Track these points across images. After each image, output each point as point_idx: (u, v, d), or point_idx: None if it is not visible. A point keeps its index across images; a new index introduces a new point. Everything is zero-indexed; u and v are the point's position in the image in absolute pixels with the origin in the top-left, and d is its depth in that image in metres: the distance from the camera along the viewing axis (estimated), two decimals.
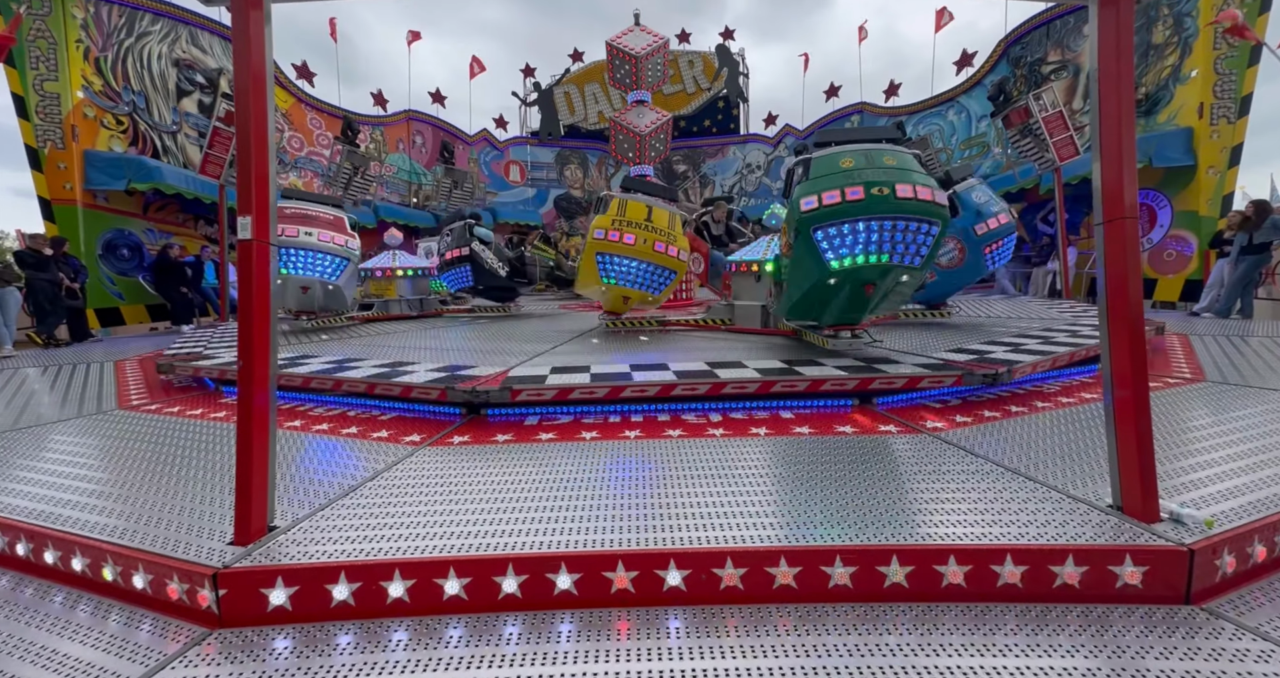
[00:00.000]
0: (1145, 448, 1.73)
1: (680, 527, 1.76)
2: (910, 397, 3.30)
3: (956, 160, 13.85)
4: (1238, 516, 1.74)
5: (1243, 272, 7.01)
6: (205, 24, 10.89)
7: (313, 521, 1.85)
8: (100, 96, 9.04)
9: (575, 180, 20.18)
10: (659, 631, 1.50)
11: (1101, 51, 1.78)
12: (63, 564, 1.79)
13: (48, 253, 7.34)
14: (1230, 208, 8.55)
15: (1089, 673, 1.31)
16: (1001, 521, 1.75)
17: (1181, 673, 1.30)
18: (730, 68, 19.02)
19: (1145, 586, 1.57)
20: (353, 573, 1.58)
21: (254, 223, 1.74)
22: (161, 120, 10.10)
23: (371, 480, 2.21)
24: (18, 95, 8.16)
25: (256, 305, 1.76)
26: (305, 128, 13.78)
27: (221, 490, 2.14)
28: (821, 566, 1.61)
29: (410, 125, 16.63)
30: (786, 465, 2.27)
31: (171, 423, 3.20)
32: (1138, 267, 1.76)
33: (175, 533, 1.79)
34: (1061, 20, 11.34)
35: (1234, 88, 8.47)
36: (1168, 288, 9.38)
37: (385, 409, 3.36)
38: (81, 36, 8.78)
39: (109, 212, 9.06)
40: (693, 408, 3.16)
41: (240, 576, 1.56)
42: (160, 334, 8.33)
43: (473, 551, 1.64)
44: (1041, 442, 2.50)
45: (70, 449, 2.77)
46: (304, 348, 4.70)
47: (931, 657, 1.37)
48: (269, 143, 1.79)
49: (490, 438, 2.75)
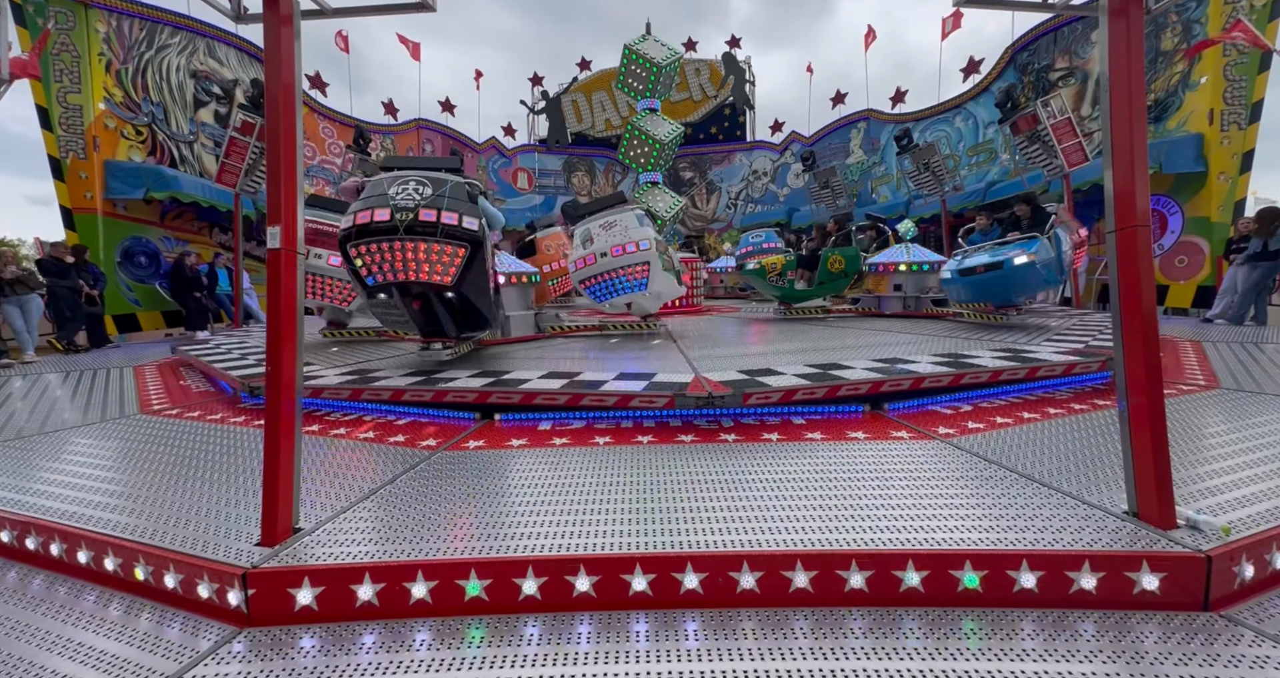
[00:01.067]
0: (1161, 454, 1.74)
1: (696, 531, 1.78)
2: (921, 403, 3.31)
3: (965, 167, 13.85)
4: (1255, 522, 1.74)
5: (1256, 278, 6.95)
6: (222, 37, 11.13)
7: (335, 523, 1.89)
8: (121, 108, 9.26)
9: (583, 187, 20.33)
10: (676, 632, 1.52)
11: (1112, 60, 1.80)
12: (95, 564, 1.84)
13: (69, 261, 7.49)
14: (1242, 214, 8.49)
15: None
16: (1017, 526, 1.76)
17: None
18: (737, 75, 19.17)
19: (1163, 592, 1.58)
20: (376, 574, 1.61)
21: (283, 232, 1.80)
22: (179, 130, 10.31)
23: (390, 484, 2.24)
24: (41, 107, 8.38)
25: (285, 313, 1.81)
26: (318, 136, 14.00)
27: (244, 493, 2.19)
28: (838, 570, 1.63)
29: (420, 134, 16.86)
30: (800, 471, 2.29)
31: (193, 427, 3.26)
32: (1150, 274, 1.77)
33: (203, 534, 1.84)
34: (1069, 27, 11.35)
35: (1244, 94, 8.44)
36: (1179, 294, 9.30)
37: (400, 414, 3.40)
38: (104, 50, 9.00)
39: (127, 220, 9.25)
40: (704, 414, 3.18)
41: (269, 576, 1.60)
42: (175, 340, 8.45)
43: (492, 553, 1.67)
44: (1055, 448, 2.50)
45: (96, 453, 2.83)
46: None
47: (949, 661, 1.38)
48: (298, 154, 1.85)
49: (505, 443, 2.79)
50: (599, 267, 5.27)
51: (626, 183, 20.11)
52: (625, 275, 5.25)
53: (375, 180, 3.56)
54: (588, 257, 5.30)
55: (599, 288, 5.40)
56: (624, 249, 5.15)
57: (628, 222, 5.27)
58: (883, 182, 16.45)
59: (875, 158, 16.71)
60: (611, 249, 5.18)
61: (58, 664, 1.46)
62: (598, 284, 5.38)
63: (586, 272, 5.35)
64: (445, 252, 3.33)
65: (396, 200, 3.30)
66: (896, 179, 15.53)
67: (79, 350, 7.41)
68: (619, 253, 5.16)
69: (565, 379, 3.35)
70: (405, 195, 3.34)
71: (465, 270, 3.43)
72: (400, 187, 3.39)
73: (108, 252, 8.87)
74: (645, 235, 5.22)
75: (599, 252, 5.24)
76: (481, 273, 3.67)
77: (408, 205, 3.28)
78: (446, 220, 3.30)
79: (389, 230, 3.24)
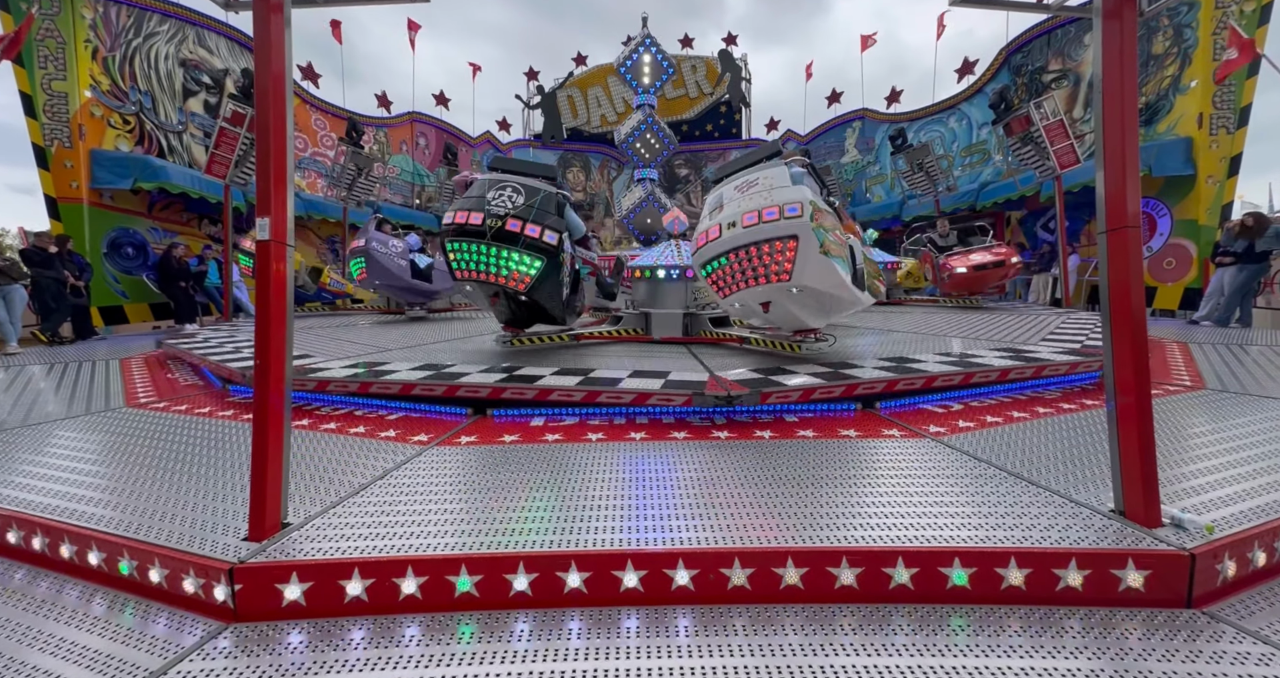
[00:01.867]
0: (1147, 454, 1.76)
1: (688, 527, 1.78)
2: (914, 401, 3.33)
3: (958, 167, 13.93)
4: (1238, 521, 1.76)
5: (1242, 281, 7.05)
6: (212, 25, 10.97)
7: (325, 518, 1.87)
8: (108, 96, 9.10)
9: (578, 183, 20.27)
10: (667, 629, 1.52)
11: (1105, 62, 1.81)
12: (79, 559, 1.81)
13: (53, 250, 7.37)
14: (1229, 217, 8.61)
15: (1093, 675, 1.33)
16: (1005, 524, 1.77)
17: (1184, 675, 1.32)
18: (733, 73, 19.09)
19: (1147, 589, 1.60)
20: (366, 569, 1.60)
21: (273, 224, 1.77)
22: (168, 120, 10.16)
23: (381, 479, 2.23)
24: (25, 94, 8.21)
25: (274, 306, 1.79)
26: (309, 128, 13.85)
27: (232, 487, 2.17)
28: (828, 567, 1.64)
29: (414, 127, 16.72)
30: (791, 468, 2.30)
31: (180, 421, 3.22)
32: (1140, 275, 1.78)
33: (189, 529, 1.81)
34: (1062, 29, 11.43)
35: (1233, 98, 8.54)
36: (1167, 296, 9.43)
37: (392, 409, 3.38)
38: (90, 36, 8.84)
39: (114, 210, 9.11)
40: (698, 412, 3.18)
41: (256, 571, 1.58)
42: (163, 333, 8.35)
43: (483, 549, 1.66)
44: (1044, 447, 2.52)
45: (80, 446, 2.79)
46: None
47: (937, 657, 1.40)
48: (288, 145, 1.82)
49: (497, 438, 2.77)
50: (723, 243, 3.48)
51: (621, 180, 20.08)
52: (757, 258, 3.38)
53: (479, 181, 3.95)
54: (711, 230, 3.57)
55: (723, 276, 3.59)
56: (760, 216, 3.29)
57: (774, 178, 3.40)
58: (877, 181, 16.53)
59: (870, 157, 16.77)
60: (743, 217, 3.35)
61: (39, 660, 1.44)
62: (720, 273, 3.59)
63: (706, 252, 3.61)
64: (523, 261, 3.66)
65: (491, 206, 3.68)
66: (890, 179, 15.60)
67: (64, 342, 7.30)
68: (752, 221, 3.31)
69: (579, 376, 3.34)
70: (499, 202, 3.71)
71: (539, 279, 3.73)
72: (498, 192, 3.77)
73: (94, 242, 8.73)
74: (797, 197, 3.26)
75: (726, 221, 3.46)
76: (555, 280, 3.92)
77: (499, 212, 3.65)
78: (530, 232, 3.63)
79: (479, 234, 3.64)
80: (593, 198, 20.33)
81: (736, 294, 3.60)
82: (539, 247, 3.65)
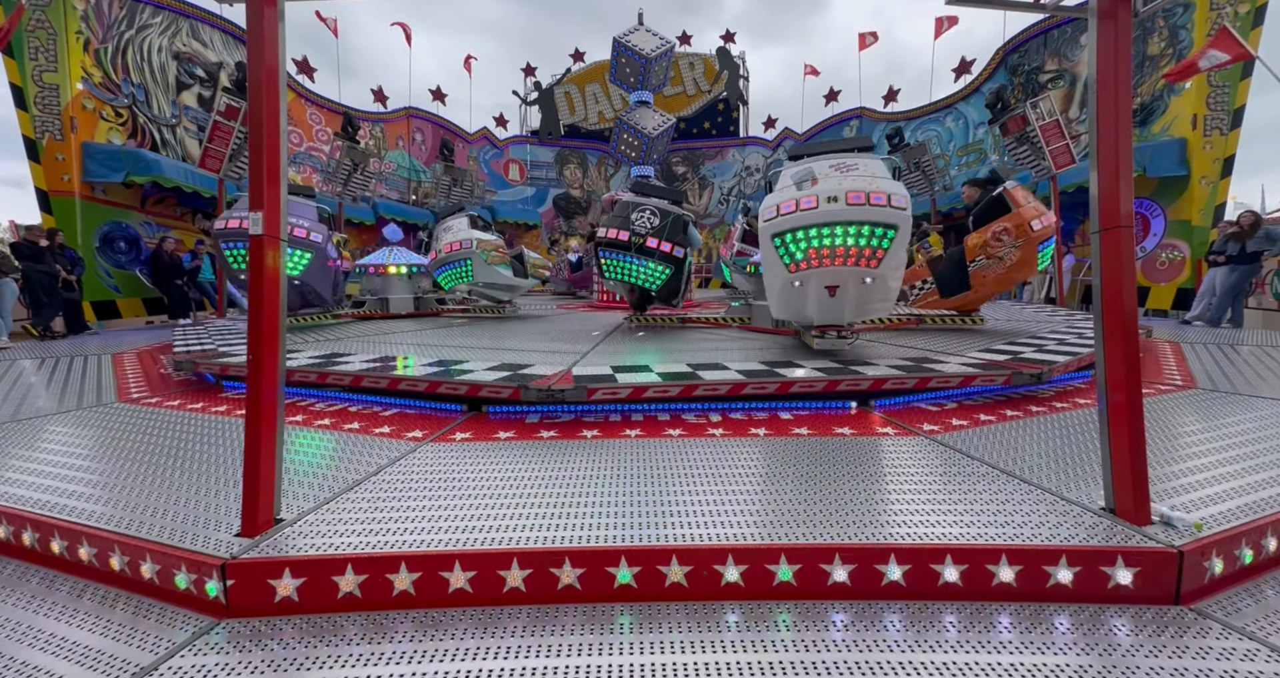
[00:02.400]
0: (1138, 452, 1.77)
1: (682, 524, 1.79)
2: (909, 399, 3.35)
3: (955, 167, 13.97)
4: (1226, 519, 1.78)
5: (1234, 281, 7.11)
6: (206, 18, 10.86)
7: (318, 514, 1.87)
8: (100, 88, 9.00)
9: (575, 180, 20.21)
10: (661, 625, 1.53)
11: (1100, 63, 1.82)
12: (70, 554, 1.80)
13: (44, 244, 7.30)
14: (1222, 218, 8.67)
15: (1081, 670, 1.34)
16: (997, 521, 1.79)
17: (1170, 671, 1.33)
18: (731, 71, 19.08)
19: (1136, 586, 1.61)
20: (359, 565, 1.60)
21: (265, 219, 1.76)
22: (161, 113, 10.06)
23: (376, 475, 2.22)
24: (16, 86, 8.11)
25: (267, 301, 1.78)
26: (305, 123, 13.75)
27: (225, 483, 2.16)
28: (821, 563, 1.64)
29: (410, 122, 16.62)
30: (786, 465, 2.31)
31: (172, 416, 3.21)
32: (1133, 275, 1.80)
33: (181, 524, 1.81)
34: (1059, 29, 11.46)
35: (1227, 100, 8.59)
36: (1160, 296, 9.49)
37: (387, 405, 3.37)
38: (82, 28, 8.74)
39: (107, 204, 9.02)
40: (692, 407, 3.19)
41: (248, 566, 1.58)
42: (157, 328, 8.30)
43: (478, 545, 1.66)
44: (1035, 445, 2.54)
45: (72, 441, 2.77)
46: (328, 347, 4.50)
47: (928, 653, 1.41)
48: (281, 140, 1.81)
49: (492, 435, 2.77)
50: (820, 214, 3.33)
51: (619, 177, 20.03)
52: (854, 237, 3.37)
53: (623, 202, 5.34)
54: (804, 199, 3.37)
55: (804, 248, 3.44)
56: (868, 198, 3.28)
57: (875, 168, 3.46)
58: None
59: None
60: (848, 195, 3.29)
61: (30, 656, 1.43)
62: (803, 243, 3.43)
63: (793, 220, 3.40)
64: (657, 269, 5.17)
65: (634, 226, 5.09)
66: None
67: (55, 337, 7.24)
68: (859, 201, 3.28)
69: (511, 371, 3.34)
70: (641, 222, 5.11)
71: (667, 281, 5.27)
72: (639, 214, 5.15)
73: (86, 236, 8.65)
74: (903, 191, 3.36)
75: (827, 195, 3.34)
76: (676, 280, 5.34)
77: (640, 231, 5.07)
78: (663, 248, 5.07)
79: (624, 247, 5.11)
80: (590, 195, 20.28)
81: (807, 271, 3.50)
82: (669, 258, 5.09)
